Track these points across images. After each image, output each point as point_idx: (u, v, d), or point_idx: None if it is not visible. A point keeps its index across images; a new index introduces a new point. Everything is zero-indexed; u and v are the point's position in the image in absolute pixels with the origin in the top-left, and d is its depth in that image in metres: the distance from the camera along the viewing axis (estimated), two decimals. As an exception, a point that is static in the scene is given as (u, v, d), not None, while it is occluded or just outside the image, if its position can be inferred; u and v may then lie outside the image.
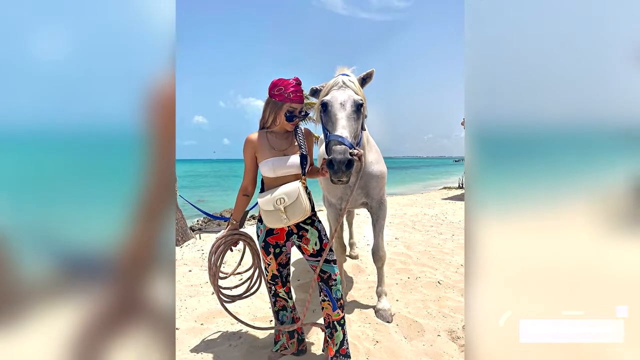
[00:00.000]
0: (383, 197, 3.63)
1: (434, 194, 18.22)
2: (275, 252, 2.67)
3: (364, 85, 2.77)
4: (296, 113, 2.53)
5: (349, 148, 2.29)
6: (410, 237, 7.11)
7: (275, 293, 2.82)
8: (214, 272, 2.70)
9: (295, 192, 2.43)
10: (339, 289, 2.66)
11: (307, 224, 2.65)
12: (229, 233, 2.74)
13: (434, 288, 4.37)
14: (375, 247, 3.70)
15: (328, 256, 2.63)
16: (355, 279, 4.82)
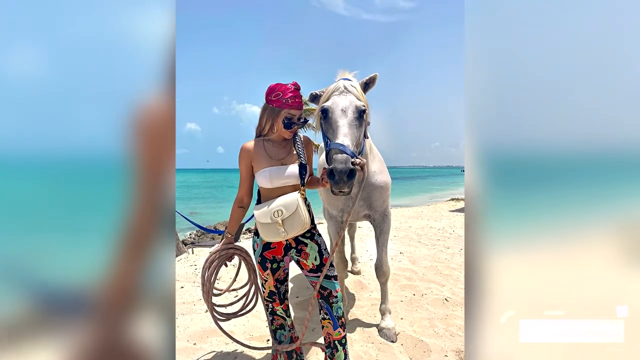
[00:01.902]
0: (387, 209, 3.63)
1: (441, 206, 18.21)
2: (272, 267, 2.66)
3: (366, 90, 2.78)
4: (295, 120, 2.54)
5: (350, 157, 2.29)
6: (416, 252, 7.10)
7: (272, 311, 2.80)
8: (207, 289, 2.70)
9: (294, 204, 2.43)
10: (340, 307, 2.65)
11: (306, 238, 2.64)
12: (223, 247, 2.74)
13: (441, 305, 4.36)
14: (379, 262, 3.69)
15: (328, 272, 2.63)
16: (358, 295, 4.81)
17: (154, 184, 1.56)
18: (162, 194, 1.57)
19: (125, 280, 1.52)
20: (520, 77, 1.71)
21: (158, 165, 1.56)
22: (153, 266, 1.55)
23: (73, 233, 1.45)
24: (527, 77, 1.71)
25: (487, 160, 1.75)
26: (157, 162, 1.55)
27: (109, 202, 1.48)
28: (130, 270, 1.53)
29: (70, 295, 1.44)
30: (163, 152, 1.56)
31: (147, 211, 1.54)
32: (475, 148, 1.76)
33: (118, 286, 1.50)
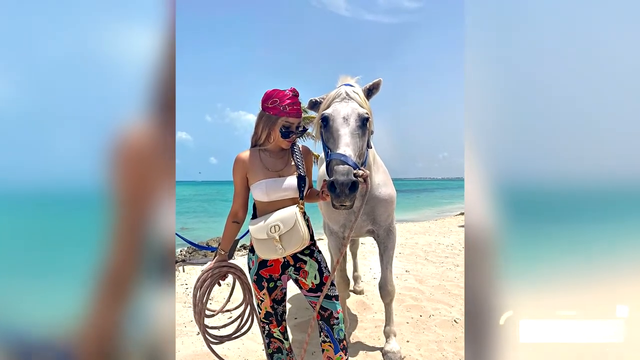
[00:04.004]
0: (392, 224, 3.63)
1: (450, 221, 18.17)
2: (269, 286, 2.66)
3: (370, 97, 2.79)
4: (293, 128, 2.55)
5: (352, 168, 2.29)
6: (423, 270, 7.09)
7: (269, 333, 2.79)
8: (199, 310, 2.69)
9: (292, 219, 2.43)
10: (342, 329, 2.65)
11: (305, 255, 2.64)
12: (216, 265, 2.72)
13: (449, 328, 4.35)
14: (383, 281, 3.69)
15: (329, 291, 2.62)
16: (360, 317, 4.80)
17: (137, 220, 1.47)
18: (147, 231, 1.49)
19: (104, 329, 1.42)
20: (531, 97, 1.71)
21: (142, 200, 1.47)
22: (140, 312, 1.46)
23: (45, 275, 1.36)
24: (541, 97, 1.71)
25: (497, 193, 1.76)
26: (140, 196, 1.47)
27: (86, 241, 1.40)
28: (110, 317, 1.43)
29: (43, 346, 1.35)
30: (148, 185, 1.48)
31: (129, 250, 1.45)
32: (480, 177, 1.79)
33: (95, 336, 1.40)
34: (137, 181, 1.46)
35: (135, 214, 1.47)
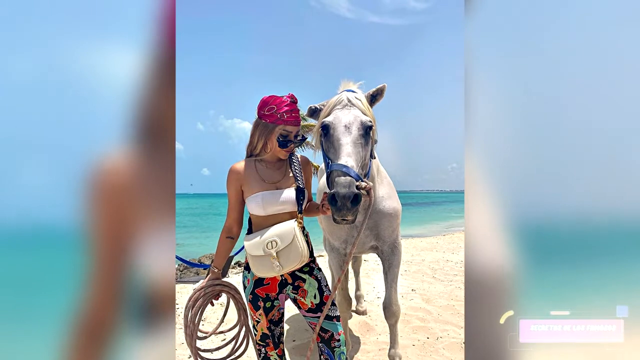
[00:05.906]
0: (397, 240, 3.62)
1: (459, 236, 18.15)
2: (265, 306, 2.64)
3: (373, 103, 2.79)
4: (291, 137, 2.55)
5: (355, 180, 2.27)
6: (430, 289, 7.07)
7: (265, 356, 2.77)
8: (191, 331, 2.67)
9: (290, 234, 2.42)
10: (344, 352, 2.63)
11: (304, 273, 2.64)
12: (209, 283, 2.72)
13: (459, 350, 4.33)
14: (388, 300, 3.66)
15: (330, 312, 2.61)
16: (363, 339, 4.78)
17: (117, 260, 1.43)
18: (129, 271, 1.44)
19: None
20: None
21: (122, 237, 1.42)
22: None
23: (13, 322, 1.32)
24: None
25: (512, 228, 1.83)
26: (120, 232, 1.42)
27: (59, 284, 1.35)
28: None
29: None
30: (129, 221, 1.43)
31: (109, 293, 1.41)
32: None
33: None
34: (116, 217, 1.41)
35: (114, 252, 1.42)
